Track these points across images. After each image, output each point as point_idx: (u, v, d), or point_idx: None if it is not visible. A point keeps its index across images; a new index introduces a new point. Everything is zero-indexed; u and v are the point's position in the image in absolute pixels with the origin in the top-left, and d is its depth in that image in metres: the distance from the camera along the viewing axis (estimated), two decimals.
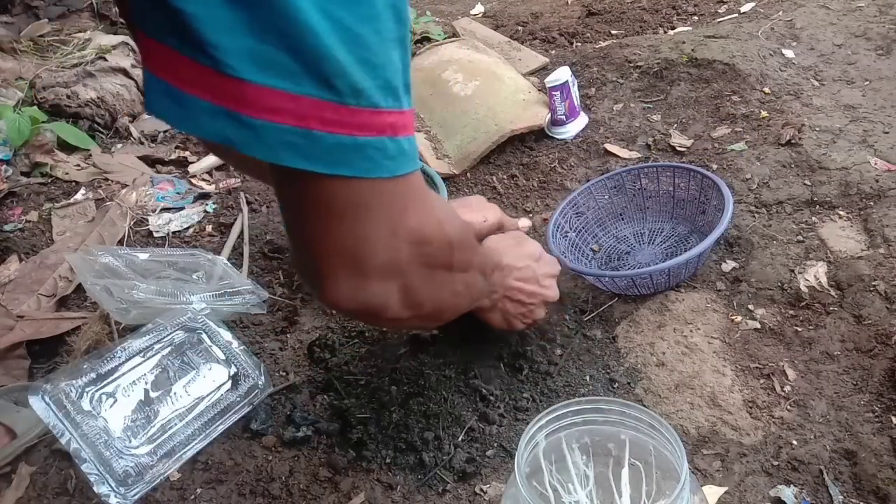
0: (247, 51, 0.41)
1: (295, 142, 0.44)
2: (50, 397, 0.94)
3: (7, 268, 1.35)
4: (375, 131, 0.47)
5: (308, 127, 0.44)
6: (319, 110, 0.44)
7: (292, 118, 0.44)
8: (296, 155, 0.45)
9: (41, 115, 1.71)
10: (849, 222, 1.14)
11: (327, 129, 0.45)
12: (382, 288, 0.57)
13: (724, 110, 1.44)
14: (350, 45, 0.43)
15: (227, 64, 0.41)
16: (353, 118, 0.45)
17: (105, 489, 0.89)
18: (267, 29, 0.41)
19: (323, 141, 0.45)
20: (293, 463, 0.92)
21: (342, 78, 0.44)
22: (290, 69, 0.42)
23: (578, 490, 0.66)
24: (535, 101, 1.52)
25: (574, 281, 1.15)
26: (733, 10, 2.02)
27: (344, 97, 0.44)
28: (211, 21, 0.40)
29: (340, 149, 0.46)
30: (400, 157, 0.50)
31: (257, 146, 0.44)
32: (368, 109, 0.46)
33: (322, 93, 0.44)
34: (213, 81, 0.42)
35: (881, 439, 0.83)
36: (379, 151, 0.48)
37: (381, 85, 0.46)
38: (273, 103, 0.43)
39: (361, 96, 0.45)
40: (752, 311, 1.03)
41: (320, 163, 0.46)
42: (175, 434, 0.96)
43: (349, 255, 0.54)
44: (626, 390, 0.95)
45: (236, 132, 0.43)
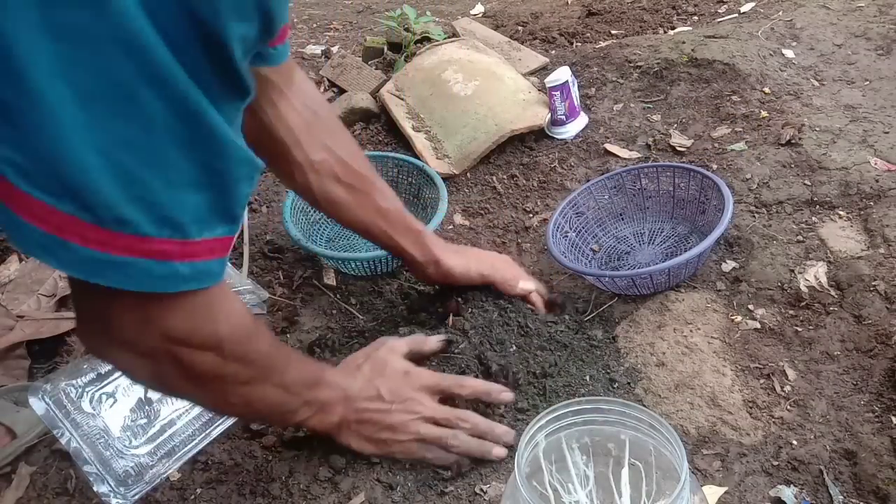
0: (11, 161, 0.42)
1: (51, 246, 0.45)
2: (50, 397, 0.94)
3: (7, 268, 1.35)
4: (138, 254, 0.48)
5: (65, 238, 0.45)
6: (79, 228, 0.45)
7: (51, 227, 0.44)
8: (51, 257, 0.46)
9: None
10: (849, 222, 1.14)
11: (85, 244, 0.46)
12: (129, 359, 0.59)
13: (724, 110, 1.44)
14: (123, 183, 0.44)
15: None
16: (114, 240, 0.46)
17: (105, 489, 0.89)
18: (32, 150, 0.42)
19: (79, 252, 0.46)
20: (293, 463, 0.92)
21: (106, 209, 0.44)
22: (52, 188, 0.43)
23: (578, 490, 0.66)
24: (535, 101, 1.52)
25: (574, 281, 1.15)
26: (733, 10, 2.02)
27: (105, 223, 0.45)
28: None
29: (96, 262, 0.47)
30: (172, 278, 0.50)
31: (16, 238, 0.46)
32: (133, 236, 0.47)
33: (83, 214, 0.44)
34: None
35: (881, 439, 0.83)
36: (141, 271, 0.48)
37: (154, 219, 0.47)
38: (34, 210, 0.44)
39: (126, 225, 0.46)
40: (752, 311, 1.03)
41: (74, 269, 0.47)
42: (175, 434, 0.96)
43: (99, 321, 0.56)
44: (626, 390, 0.95)
45: (5, 220, 0.45)
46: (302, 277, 1.24)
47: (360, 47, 2.06)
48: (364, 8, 2.88)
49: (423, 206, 1.32)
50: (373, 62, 1.87)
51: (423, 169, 1.32)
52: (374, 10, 2.81)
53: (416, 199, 1.35)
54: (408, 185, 1.36)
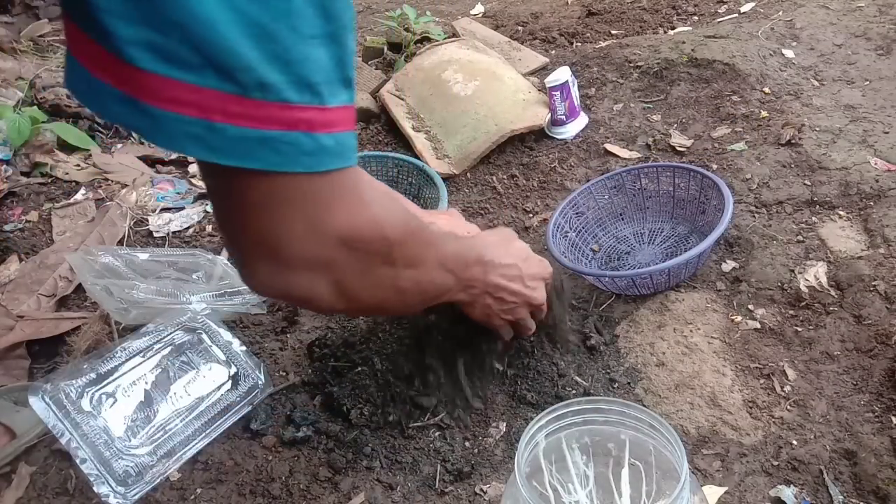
0: (145, 41, 0.40)
1: (197, 133, 0.43)
2: (50, 397, 0.94)
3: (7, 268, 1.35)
4: (285, 125, 0.45)
5: (210, 119, 0.43)
6: (223, 102, 0.42)
7: (194, 109, 0.42)
8: (198, 146, 0.43)
9: (41, 115, 1.71)
10: (849, 222, 1.14)
11: (231, 121, 0.43)
12: (306, 279, 0.56)
13: (724, 110, 1.44)
14: (257, 39, 0.42)
15: (126, 52, 0.40)
16: (258, 111, 0.44)
17: (105, 489, 0.89)
18: (165, 20, 0.40)
19: (226, 132, 0.43)
20: (293, 463, 0.92)
21: (247, 72, 0.42)
22: (190, 61, 0.41)
23: (578, 490, 0.66)
24: (535, 101, 1.52)
25: (574, 281, 1.15)
26: (733, 10, 2.02)
27: (249, 90, 0.43)
28: (109, 9, 0.39)
29: (245, 141, 0.44)
30: (320, 154, 0.48)
31: (159, 135, 0.43)
32: (277, 104, 0.44)
33: (225, 85, 0.42)
34: (116, 68, 0.41)
35: (881, 439, 0.83)
36: (291, 146, 0.46)
37: (293, 80, 0.44)
38: (173, 94, 0.41)
39: (269, 90, 0.43)
40: (752, 311, 1.03)
41: (224, 155, 0.44)
42: (175, 434, 0.96)
43: (267, 247, 0.52)
44: (626, 390, 0.95)
45: (138, 120, 0.42)
46: None
47: (360, 47, 2.06)
48: (364, 8, 2.88)
49: (423, 206, 1.32)
50: (373, 62, 1.87)
51: (423, 169, 1.32)
52: (374, 10, 2.81)
53: (416, 199, 1.35)
54: (408, 185, 1.36)
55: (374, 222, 0.57)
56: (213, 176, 0.50)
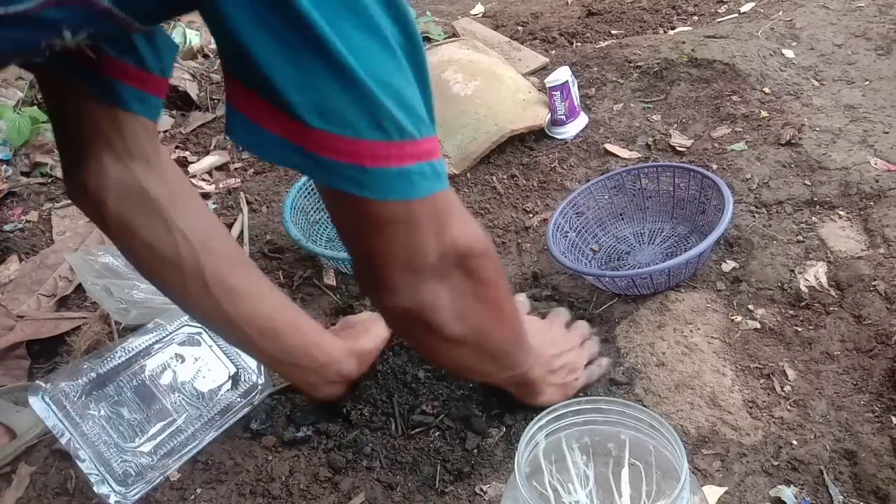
0: (314, 104, 0.50)
1: (351, 175, 0.53)
2: (50, 397, 0.94)
3: (7, 268, 1.35)
4: (415, 158, 0.55)
5: (363, 164, 0.53)
6: (372, 149, 0.53)
7: (351, 157, 0.53)
8: (352, 184, 0.54)
9: (41, 115, 1.71)
10: (849, 222, 1.14)
11: (378, 163, 0.54)
12: (434, 289, 0.65)
13: (724, 110, 1.44)
14: (389, 92, 0.52)
15: (299, 115, 0.50)
16: (398, 151, 0.54)
17: (105, 489, 0.89)
18: (331, 86, 0.50)
19: (374, 173, 0.54)
20: (293, 463, 0.92)
21: (390, 121, 0.52)
22: (350, 119, 0.51)
23: (578, 490, 0.67)
24: (535, 101, 1.52)
25: (574, 281, 1.15)
26: (733, 10, 2.02)
27: (391, 136, 0.53)
28: (284, 80, 0.49)
29: (388, 177, 0.54)
30: (434, 178, 0.58)
31: (319, 174, 0.54)
32: (409, 142, 0.54)
33: (375, 135, 0.53)
34: (286, 124, 0.51)
35: (881, 439, 0.83)
36: (419, 175, 0.56)
37: (415, 120, 0.55)
38: (335, 146, 0.52)
39: (404, 132, 0.54)
40: (752, 311, 1.03)
41: (372, 190, 0.55)
42: (175, 434, 0.96)
43: (403, 261, 0.62)
44: (626, 390, 0.95)
45: (303, 162, 0.53)
46: (302, 277, 1.24)
47: None
48: None
49: None
50: None
51: None
52: None
53: None
54: None
55: (479, 234, 0.68)
56: (348, 206, 0.58)
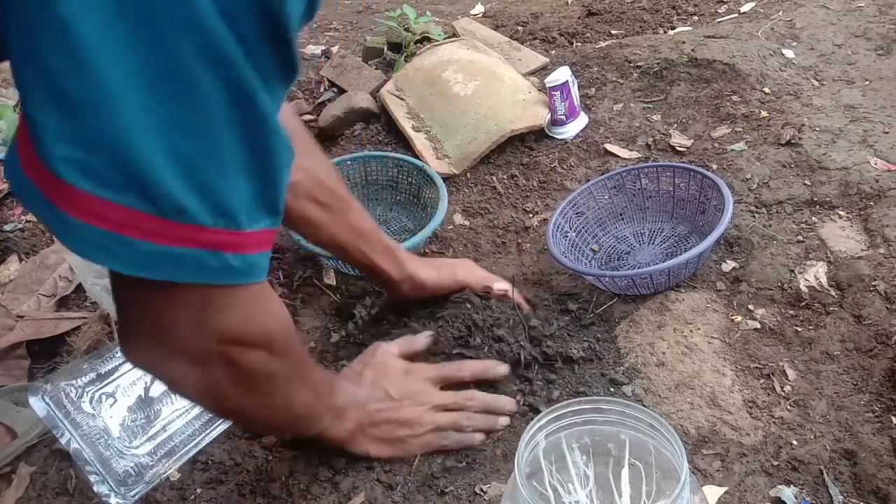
0: (74, 159, 0.42)
1: (109, 245, 0.46)
2: (50, 397, 0.94)
3: (7, 268, 1.35)
4: (194, 244, 0.48)
5: (124, 234, 0.45)
6: (138, 220, 0.45)
7: (109, 224, 0.45)
8: (108, 257, 0.47)
9: None
10: (849, 222, 1.14)
11: (143, 237, 0.46)
12: (181, 368, 0.58)
13: (724, 110, 1.44)
14: (182, 170, 0.45)
15: (53, 166, 0.43)
16: (171, 231, 0.47)
17: (105, 489, 0.89)
18: (96, 144, 0.42)
19: (137, 247, 0.46)
20: (293, 463, 0.92)
21: (166, 198, 0.45)
22: (113, 181, 0.44)
23: (578, 490, 0.67)
24: (535, 101, 1.52)
25: (574, 281, 1.15)
26: (733, 10, 2.02)
27: (165, 213, 0.46)
28: (46, 127, 0.42)
29: (154, 256, 0.47)
30: (224, 272, 0.51)
31: (72, 241, 0.46)
32: (190, 226, 0.47)
33: (144, 205, 0.45)
34: (44, 175, 0.44)
35: (881, 439, 0.83)
36: (196, 262, 0.49)
37: (212, 209, 0.47)
38: (93, 209, 0.44)
39: (185, 215, 0.46)
40: (752, 311, 1.03)
41: (130, 266, 0.47)
42: (175, 434, 0.96)
43: (152, 328, 0.55)
44: (626, 390, 0.95)
45: (56, 223, 0.45)
46: (302, 277, 1.24)
47: (360, 47, 2.06)
48: (364, 8, 2.88)
49: (423, 206, 1.32)
50: (373, 62, 1.87)
51: (423, 169, 1.32)
52: (374, 10, 2.81)
53: (416, 199, 1.35)
54: (408, 185, 1.36)
55: (262, 330, 0.61)
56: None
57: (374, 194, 1.39)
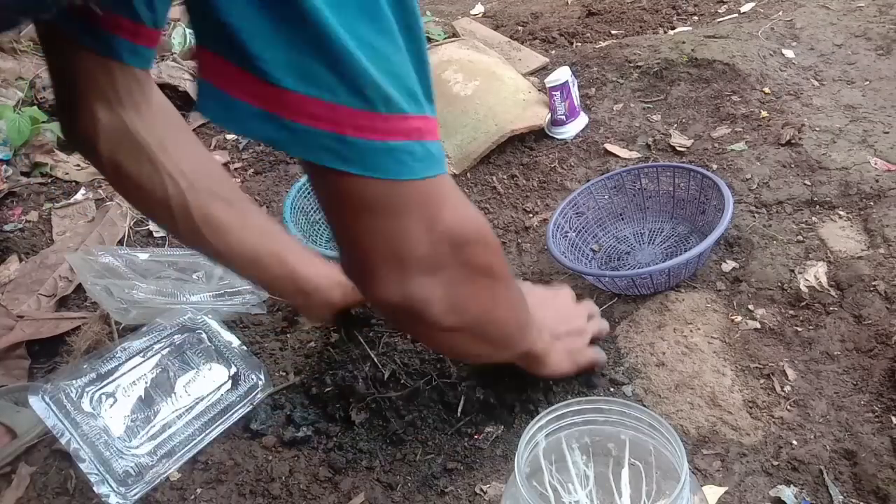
0: (288, 63, 0.45)
1: (331, 145, 0.48)
2: (50, 397, 0.94)
3: (7, 268, 1.35)
4: (404, 136, 0.50)
5: (343, 133, 0.48)
6: (354, 118, 0.48)
7: (329, 124, 0.47)
8: (332, 157, 0.49)
9: (41, 115, 1.71)
10: (849, 222, 1.14)
11: (361, 134, 0.48)
12: (425, 283, 0.59)
13: (724, 110, 1.44)
14: (374, 58, 0.47)
15: (271, 74, 0.45)
16: (384, 124, 0.49)
17: (105, 489, 0.89)
18: (305, 44, 0.45)
19: (356, 145, 0.49)
20: (293, 463, 0.92)
21: (373, 89, 0.47)
22: (327, 81, 0.46)
23: (578, 490, 0.66)
24: (535, 101, 1.52)
25: (574, 281, 1.15)
26: (733, 10, 2.02)
27: (375, 106, 0.48)
28: (255, 35, 0.44)
29: (373, 152, 0.49)
30: (428, 160, 0.53)
31: (297, 147, 0.49)
32: (397, 115, 0.49)
33: (356, 102, 0.47)
34: (258, 89, 0.46)
35: (881, 439, 0.83)
36: (408, 154, 0.51)
37: (405, 93, 0.50)
38: (312, 110, 0.47)
39: (391, 104, 0.49)
40: (752, 311, 1.03)
41: (354, 165, 0.50)
42: (175, 434, 0.96)
43: (390, 251, 0.56)
44: (625, 390, 0.95)
45: (279, 134, 0.48)
46: None
47: None
48: None
49: None
50: None
51: None
52: None
53: None
54: None
55: (475, 220, 0.62)
56: (330, 184, 0.53)
57: None
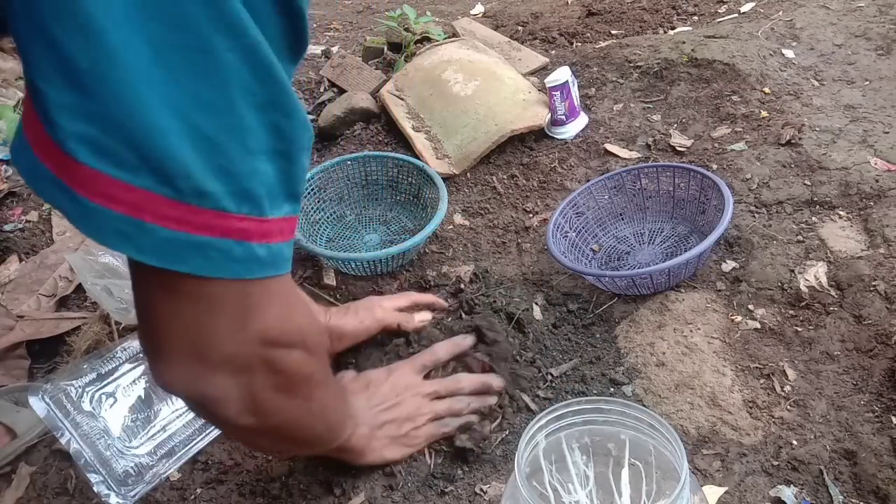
0: (85, 136, 0.40)
1: (126, 230, 0.43)
2: (50, 397, 0.94)
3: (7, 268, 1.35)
4: (218, 233, 0.45)
5: (142, 218, 0.42)
6: (156, 205, 0.42)
7: (126, 207, 0.42)
8: (126, 243, 0.43)
9: None
10: (849, 222, 1.14)
11: (163, 223, 0.43)
12: (222, 382, 0.54)
13: (724, 110, 1.44)
14: (202, 150, 0.42)
15: (65, 144, 0.40)
16: (192, 217, 0.44)
17: (105, 489, 0.89)
18: (109, 120, 0.40)
19: (156, 233, 0.43)
20: (293, 463, 0.92)
21: (186, 179, 0.42)
22: (129, 161, 0.41)
23: (578, 490, 0.67)
24: (535, 101, 1.52)
25: (574, 281, 1.15)
26: (733, 10, 2.02)
27: (185, 196, 0.43)
28: (56, 101, 0.40)
29: (175, 244, 0.44)
30: (250, 262, 0.48)
31: (87, 226, 0.43)
32: (213, 211, 0.44)
33: (162, 188, 0.42)
34: (55, 154, 0.41)
35: (881, 439, 0.83)
36: (221, 253, 0.46)
37: (234, 192, 0.45)
38: (107, 190, 0.41)
39: (206, 198, 0.43)
40: (752, 311, 1.03)
41: (151, 255, 0.44)
42: (175, 434, 0.96)
43: (190, 342, 0.51)
44: (625, 390, 0.95)
45: (71, 207, 0.42)
46: (302, 277, 1.24)
47: (360, 47, 2.06)
48: (364, 8, 2.89)
49: (424, 206, 1.32)
50: (373, 62, 1.87)
51: (423, 169, 1.32)
52: (374, 10, 2.81)
53: (417, 199, 1.35)
54: (408, 185, 1.36)
55: (298, 328, 0.57)
56: (140, 269, 0.48)
57: (374, 194, 1.39)
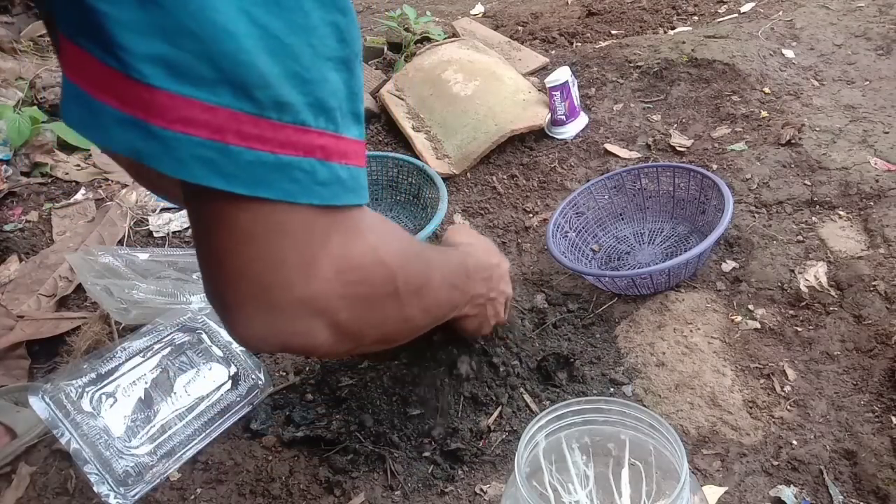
0: (158, 56, 0.37)
1: (209, 157, 0.39)
2: (50, 397, 0.94)
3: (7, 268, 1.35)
4: (301, 151, 0.42)
5: (224, 141, 0.39)
6: (238, 123, 0.39)
7: (207, 130, 0.39)
8: (210, 172, 0.40)
9: (41, 115, 1.71)
10: (849, 222, 1.14)
11: (246, 143, 0.40)
12: (304, 325, 0.49)
13: (724, 110, 1.44)
14: (276, 54, 0.39)
15: (135, 68, 0.37)
16: (275, 134, 0.40)
17: (105, 489, 0.89)
18: (181, 32, 0.37)
19: (241, 157, 0.40)
20: (293, 463, 0.92)
21: (264, 90, 0.39)
22: (205, 77, 0.38)
23: (578, 490, 0.66)
24: (535, 101, 1.52)
25: (574, 281, 1.15)
26: (733, 10, 2.02)
27: (265, 110, 0.40)
28: (122, 21, 0.36)
29: (260, 167, 0.41)
30: (335, 186, 0.44)
31: (167, 160, 0.39)
32: (293, 126, 0.41)
33: (241, 104, 0.39)
34: (122, 87, 0.38)
35: (881, 439, 0.83)
36: (307, 174, 0.42)
37: (311, 102, 0.41)
38: (185, 113, 0.38)
39: (286, 111, 0.40)
40: (752, 311, 1.03)
41: (237, 182, 0.41)
42: (175, 434, 0.96)
43: (260, 285, 0.46)
44: (625, 390, 0.95)
45: (145, 144, 0.38)
46: None
47: None
48: (364, 8, 2.88)
49: (424, 206, 1.32)
50: (373, 62, 1.87)
51: (423, 169, 1.32)
52: (374, 10, 2.81)
53: (416, 199, 1.35)
54: (408, 185, 1.36)
55: (373, 251, 0.51)
56: (205, 203, 0.43)
57: (374, 194, 1.39)
